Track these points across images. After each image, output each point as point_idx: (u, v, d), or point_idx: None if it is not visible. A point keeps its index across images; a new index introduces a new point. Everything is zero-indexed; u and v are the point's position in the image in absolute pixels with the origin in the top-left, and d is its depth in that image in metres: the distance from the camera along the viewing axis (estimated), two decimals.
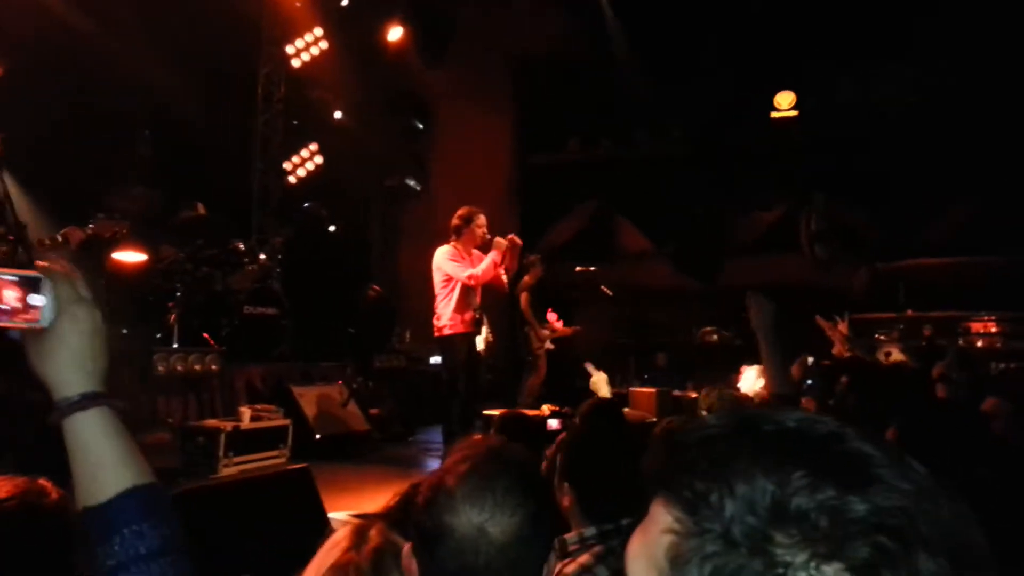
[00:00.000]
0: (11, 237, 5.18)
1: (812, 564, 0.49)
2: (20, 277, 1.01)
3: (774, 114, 11.19)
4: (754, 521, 0.51)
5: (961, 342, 9.02)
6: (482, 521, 1.15)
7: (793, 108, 11.18)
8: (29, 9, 6.78)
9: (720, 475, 0.54)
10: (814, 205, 10.82)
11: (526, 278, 8.41)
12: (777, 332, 2.60)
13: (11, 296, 1.00)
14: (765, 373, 2.83)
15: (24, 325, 1.01)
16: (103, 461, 0.99)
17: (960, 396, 4.23)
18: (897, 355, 6.47)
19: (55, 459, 1.02)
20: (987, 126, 9.18)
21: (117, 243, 6.17)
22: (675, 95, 11.17)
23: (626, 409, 6.29)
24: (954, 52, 9.59)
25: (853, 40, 10.00)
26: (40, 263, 1.03)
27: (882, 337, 9.21)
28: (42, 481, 1.37)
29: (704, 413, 5.22)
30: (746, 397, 4.76)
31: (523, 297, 8.30)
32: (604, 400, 4.12)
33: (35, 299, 1.01)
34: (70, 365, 1.01)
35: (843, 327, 5.97)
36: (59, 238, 4.98)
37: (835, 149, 10.50)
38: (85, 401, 1.00)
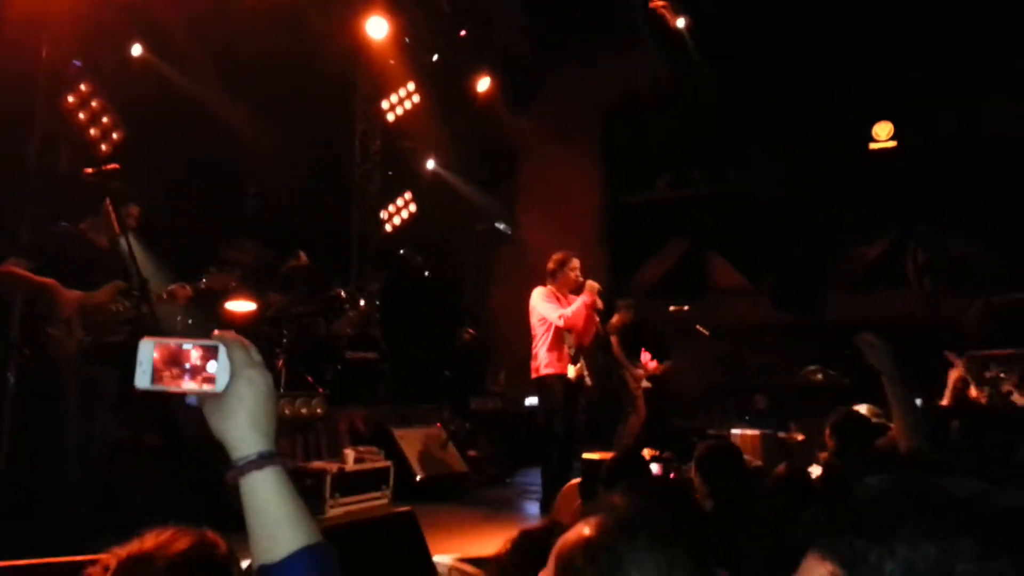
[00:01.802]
0: (135, 292, 5.54)
1: None
2: (198, 345, 1.09)
3: (872, 145, 10.85)
4: None
5: None
6: None
7: (892, 139, 10.82)
8: (144, 76, 7.30)
9: (883, 536, 0.55)
10: (919, 237, 10.36)
11: (614, 320, 8.37)
12: (903, 372, 2.41)
13: (187, 363, 1.08)
14: (895, 420, 2.62)
15: (202, 391, 1.08)
16: (277, 519, 1.03)
17: None
18: (1018, 396, 6.06)
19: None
20: None
21: (228, 294, 6.51)
22: (768, 128, 11.00)
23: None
24: None
25: (954, 72, 9.65)
26: (216, 332, 1.11)
27: (1001, 375, 8.64)
28: (211, 534, 1.44)
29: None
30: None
31: (614, 340, 8.26)
32: (723, 444, 3.96)
33: (212, 366, 1.08)
34: (247, 425, 1.06)
35: (955, 373, 5.67)
36: (164, 295, 5.32)
37: (938, 180, 10.06)
38: (261, 460, 1.05)
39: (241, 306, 6.71)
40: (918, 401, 5.19)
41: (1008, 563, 0.51)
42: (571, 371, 6.04)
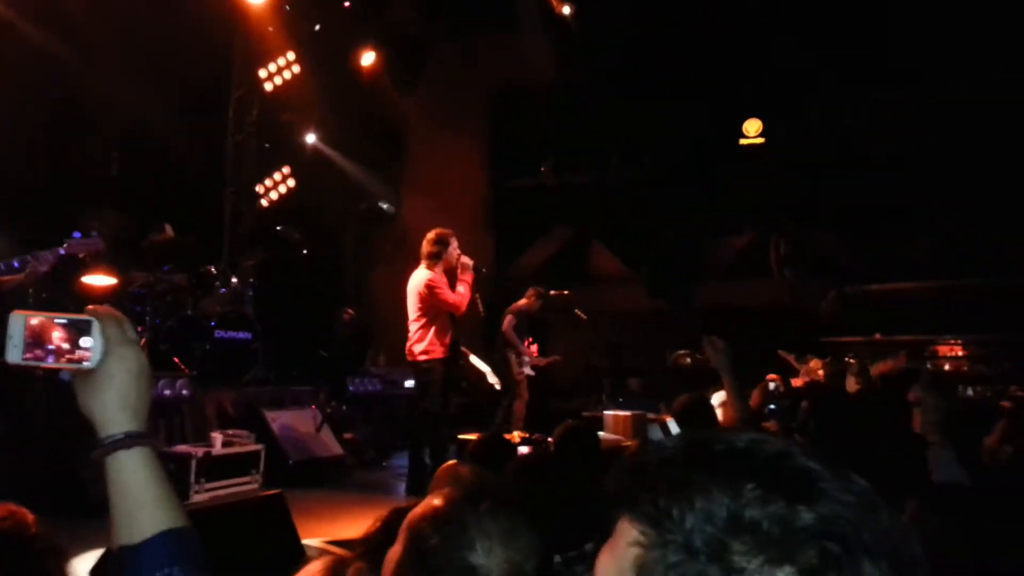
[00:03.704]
0: None
1: (766, 568, 0.55)
2: (70, 320, 1.06)
3: (742, 141, 11.40)
4: (712, 530, 0.56)
5: (929, 365, 9.16)
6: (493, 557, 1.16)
7: (760, 135, 11.40)
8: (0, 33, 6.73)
9: (679, 491, 0.59)
10: (782, 229, 11.01)
11: (521, 303, 8.40)
12: (736, 367, 2.81)
13: (59, 337, 1.05)
14: (730, 407, 2.99)
15: (74, 366, 1.05)
16: (142, 501, 1.01)
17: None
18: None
19: None
20: (956, 151, 9.42)
21: (92, 263, 6.09)
22: (648, 121, 11.35)
23: (601, 433, 6.30)
24: (922, 77, 9.84)
25: (821, 66, 10.24)
26: (89, 307, 1.07)
27: (851, 361, 9.33)
28: (18, 508, 1.41)
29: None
30: None
31: (507, 319, 8.27)
32: (578, 424, 4.13)
33: (85, 341, 1.05)
34: (116, 404, 1.04)
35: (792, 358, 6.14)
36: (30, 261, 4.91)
37: (804, 175, 10.70)
38: (128, 440, 1.02)
39: (100, 280, 6.30)
40: (771, 384, 5.57)
41: (784, 504, 0.56)
42: (491, 377, 5.99)
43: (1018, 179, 9.01)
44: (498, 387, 5.94)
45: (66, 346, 1.05)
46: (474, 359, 6.37)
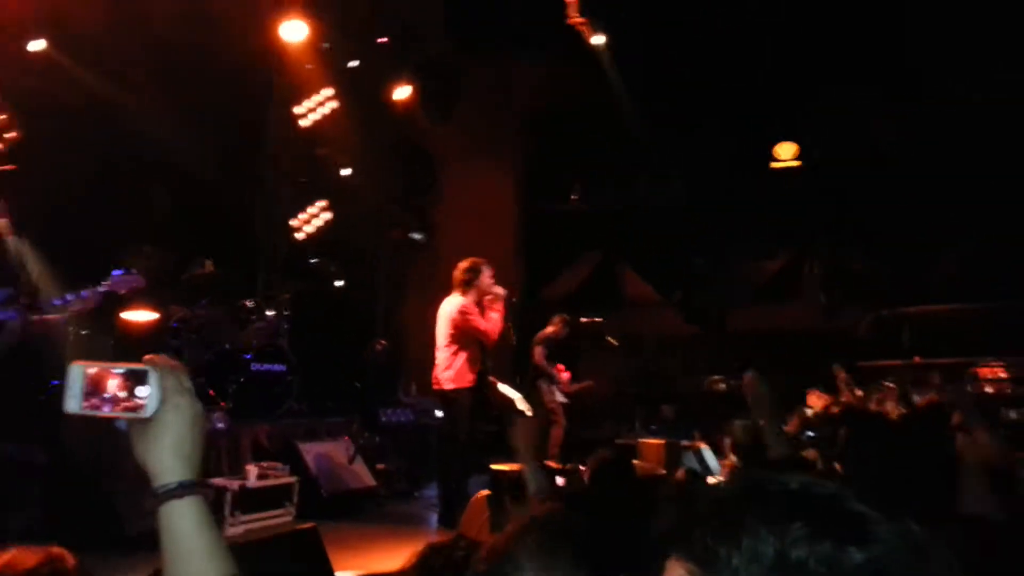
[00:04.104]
0: (22, 300, 5.26)
1: None
2: (128, 370, 1.08)
3: (774, 164, 11.32)
4: (758, 569, 0.57)
5: (970, 388, 8.94)
6: None
7: (796, 159, 11.29)
8: (46, 72, 6.98)
9: (729, 531, 0.60)
10: (816, 252, 10.88)
11: (548, 330, 8.44)
12: (771, 407, 2.79)
13: (116, 386, 1.08)
14: (764, 434, 2.93)
15: (129, 415, 1.08)
16: (194, 550, 1.04)
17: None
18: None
19: None
20: (991, 169, 9.25)
21: (132, 300, 6.23)
22: (678, 145, 11.34)
23: (635, 461, 6.25)
24: (955, 95, 9.71)
25: (854, 86, 10.15)
26: (147, 356, 1.10)
27: (890, 385, 9.14)
28: (59, 550, 1.43)
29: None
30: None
31: (537, 350, 8.32)
32: (614, 455, 4.09)
33: (142, 390, 1.08)
34: (171, 453, 1.06)
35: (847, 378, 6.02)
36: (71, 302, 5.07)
37: (837, 197, 10.58)
38: (181, 490, 1.05)
39: (140, 315, 6.45)
40: (808, 411, 5.51)
41: (832, 545, 0.57)
42: (521, 404, 6.04)
43: None
44: (529, 414, 5.95)
45: (123, 395, 1.07)
46: (503, 387, 6.39)
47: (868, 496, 0.62)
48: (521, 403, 6.36)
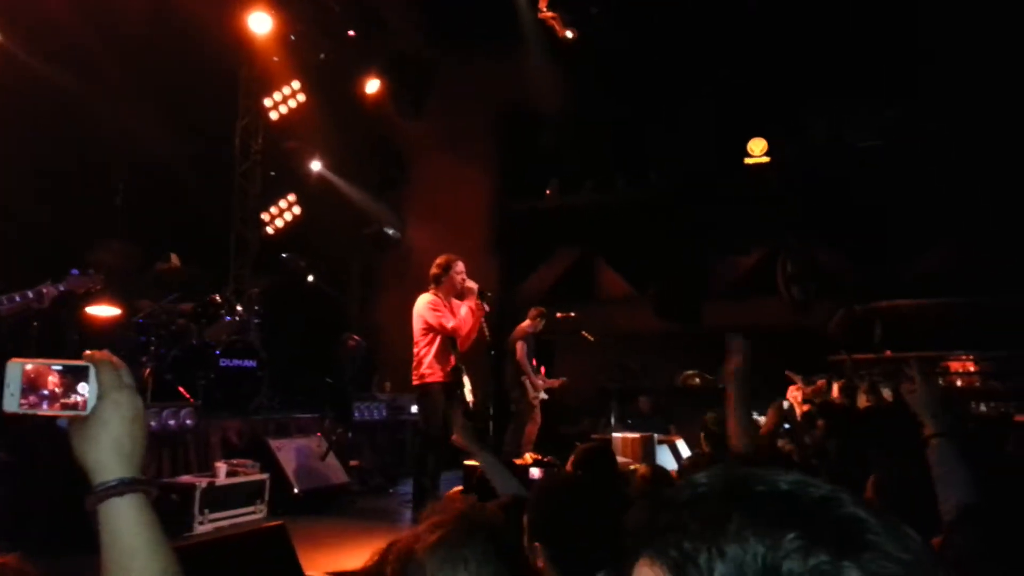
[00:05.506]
0: None
1: None
2: (66, 367, 1.06)
3: (747, 160, 11.38)
4: None
5: (941, 382, 9.05)
6: None
7: (766, 154, 11.36)
8: (3, 64, 6.80)
9: (710, 536, 0.53)
10: (789, 248, 10.94)
11: (524, 326, 8.41)
12: (747, 384, 2.68)
13: (55, 384, 1.05)
14: (730, 424, 2.83)
15: (68, 413, 1.05)
16: (134, 549, 1.00)
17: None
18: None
19: None
20: (962, 166, 9.35)
21: (91, 298, 6.08)
22: (653, 141, 11.35)
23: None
24: (929, 92, 9.80)
25: (825, 82, 10.23)
26: (86, 352, 1.07)
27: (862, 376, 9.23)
28: (13, 557, 1.35)
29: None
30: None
31: (519, 346, 8.29)
32: (597, 446, 4.05)
33: (82, 387, 1.05)
34: (110, 450, 1.03)
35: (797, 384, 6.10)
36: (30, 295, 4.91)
37: (810, 192, 10.65)
38: (122, 487, 1.01)
39: (104, 311, 6.29)
40: (785, 403, 5.52)
41: (828, 560, 0.51)
42: (468, 395, 5.98)
43: None
44: (472, 406, 5.88)
45: (62, 392, 1.04)
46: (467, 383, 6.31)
47: (844, 484, 0.57)
48: (469, 394, 6.26)
